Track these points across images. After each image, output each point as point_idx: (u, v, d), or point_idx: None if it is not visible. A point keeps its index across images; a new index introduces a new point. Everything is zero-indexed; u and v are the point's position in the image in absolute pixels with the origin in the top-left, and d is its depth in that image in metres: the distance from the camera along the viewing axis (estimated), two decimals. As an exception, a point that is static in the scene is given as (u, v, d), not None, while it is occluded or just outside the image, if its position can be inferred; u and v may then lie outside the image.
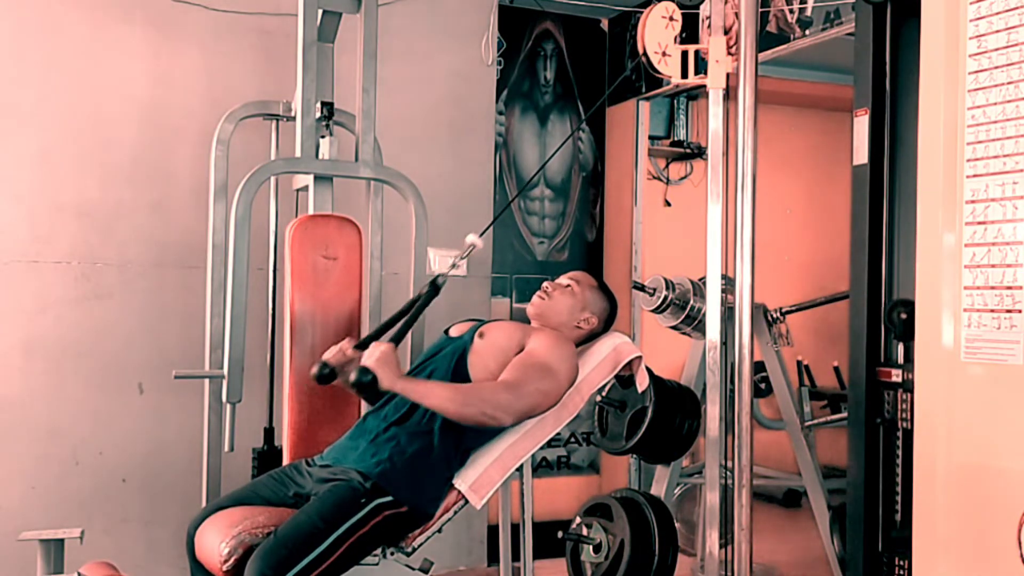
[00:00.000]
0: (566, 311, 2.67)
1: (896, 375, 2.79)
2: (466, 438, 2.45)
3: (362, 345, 2.48)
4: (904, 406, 2.76)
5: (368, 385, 2.28)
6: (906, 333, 2.69)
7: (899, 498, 2.75)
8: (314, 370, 2.45)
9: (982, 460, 2.09)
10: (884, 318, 2.82)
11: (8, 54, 3.55)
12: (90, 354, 3.63)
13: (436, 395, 2.34)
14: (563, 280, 2.74)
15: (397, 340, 2.49)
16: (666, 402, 3.12)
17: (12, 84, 3.56)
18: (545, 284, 2.73)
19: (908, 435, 2.68)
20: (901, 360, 2.79)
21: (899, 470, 2.76)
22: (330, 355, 2.48)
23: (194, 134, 3.73)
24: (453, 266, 2.61)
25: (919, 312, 2.25)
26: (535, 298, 2.71)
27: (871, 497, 2.86)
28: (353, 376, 2.30)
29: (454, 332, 2.71)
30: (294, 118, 3.19)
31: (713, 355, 2.58)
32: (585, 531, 2.92)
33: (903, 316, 2.73)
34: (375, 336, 2.55)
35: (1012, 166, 2.04)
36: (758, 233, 2.44)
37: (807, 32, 3.79)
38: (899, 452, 2.76)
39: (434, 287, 2.58)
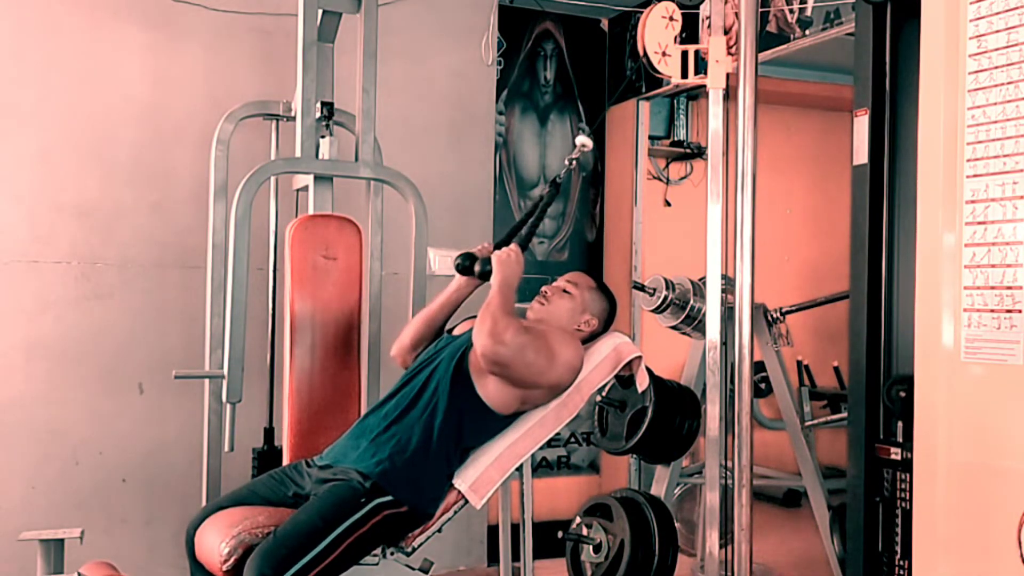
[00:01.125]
0: (566, 315, 2.66)
1: (895, 453, 2.75)
2: (465, 436, 2.45)
3: (497, 246, 2.64)
4: (903, 486, 2.71)
5: (485, 275, 2.56)
6: (905, 412, 2.64)
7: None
8: (456, 259, 2.67)
9: (982, 460, 2.09)
10: (883, 395, 2.78)
11: (8, 54, 3.55)
12: (90, 354, 3.63)
13: (500, 297, 2.44)
14: (561, 283, 2.73)
15: (523, 243, 2.65)
16: (666, 402, 3.12)
17: (12, 84, 3.56)
18: (544, 288, 2.72)
19: (907, 515, 2.62)
20: (900, 438, 2.75)
21: (899, 549, 2.73)
22: (476, 249, 2.68)
23: (194, 134, 3.73)
24: (569, 168, 2.73)
25: (919, 312, 2.25)
26: (534, 303, 2.71)
27: (870, 505, 2.85)
28: (478, 267, 2.58)
29: (457, 331, 2.71)
30: (294, 118, 3.19)
31: (713, 355, 2.58)
32: (585, 531, 2.92)
33: (902, 394, 2.68)
34: (510, 235, 2.72)
35: (1012, 166, 2.04)
36: (758, 233, 2.44)
37: (807, 32, 3.79)
38: (898, 531, 2.72)
39: (555, 186, 2.72)
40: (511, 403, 2.47)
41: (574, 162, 2.73)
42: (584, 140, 2.71)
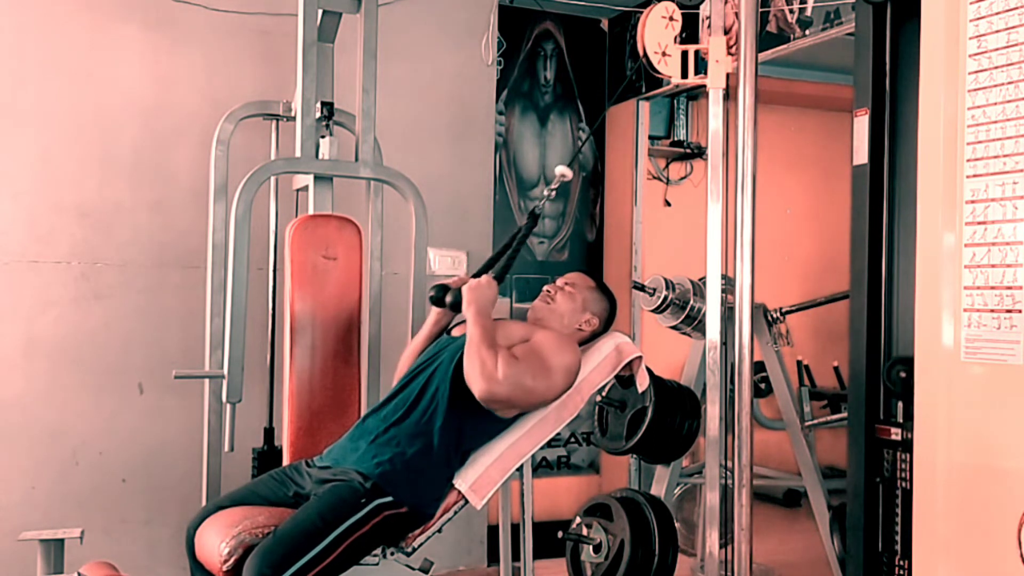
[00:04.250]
0: (567, 314, 2.67)
1: (896, 433, 2.75)
2: (465, 439, 2.45)
3: (476, 276, 2.64)
4: (903, 466, 2.71)
5: (455, 306, 2.55)
6: (905, 392, 2.66)
7: (899, 556, 2.73)
8: (431, 291, 2.68)
9: (982, 460, 2.09)
10: (883, 376, 2.79)
11: (8, 54, 3.56)
12: (90, 354, 3.63)
13: (479, 329, 2.42)
14: (562, 283, 2.73)
15: (498, 274, 2.63)
16: (666, 402, 3.12)
17: (12, 84, 3.56)
18: (547, 287, 2.73)
19: (907, 495, 2.63)
20: (901, 419, 2.76)
21: (899, 529, 2.73)
22: (451, 281, 2.67)
23: (194, 134, 3.73)
24: (548, 197, 2.72)
25: (919, 312, 2.25)
26: (537, 302, 2.71)
27: (871, 502, 2.85)
28: (449, 298, 2.56)
29: (456, 332, 2.71)
30: (294, 118, 3.19)
31: (713, 355, 2.58)
32: (585, 531, 2.92)
33: (903, 375, 2.69)
34: (485, 268, 2.70)
35: (1012, 166, 2.04)
36: (758, 233, 2.43)
37: (807, 32, 3.79)
38: (899, 511, 2.72)
39: (533, 217, 2.71)
40: (513, 410, 2.48)
41: (553, 192, 2.73)
42: (563, 170, 2.70)
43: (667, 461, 3.51)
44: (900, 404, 2.75)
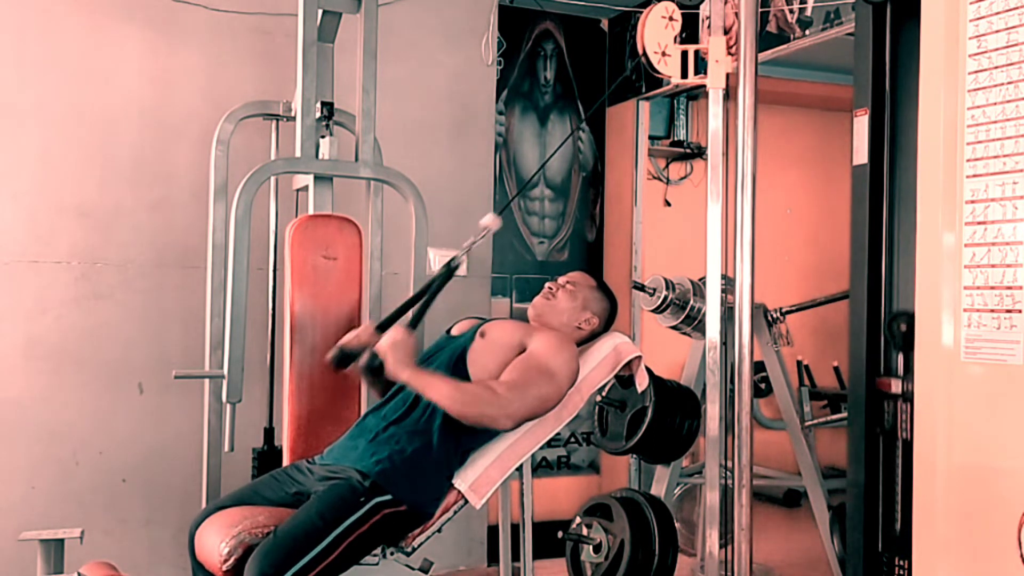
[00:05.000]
0: (567, 312, 2.67)
1: (896, 386, 2.78)
2: (465, 438, 2.44)
3: (380, 328, 2.51)
4: (904, 416, 2.74)
5: (377, 370, 2.29)
6: (906, 344, 2.69)
7: (899, 507, 2.74)
8: (330, 354, 2.49)
9: (982, 460, 2.09)
10: (884, 329, 2.82)
11: (8, 54, 3.56)
12: (90, 354, 3.63)
13: (438, 390, 2.33)
14: (563, 281, 2.74)
15: (413, 325, 2.50)
16: (666, 402, 3.12)
17: (12, 84, 3.56)
18: (549, 284, 2.73)
19: (908, 446, 2.66)
20: (901, 371, 2.78)
21: (899, 479, 2.75)
22: (347, 339, 2.52)
23: (194, 134, 3.73)
24: (468, 250, 2.60)
25: (919, 312, 2.25)
26: (538, 299, 2.71)
27: (871, 498, 2.85)
28: (363, 360, 2.31)
29: (455, 331, 2.71)
30: (294, 118, 3.19)
31: (713, 355, 2.58)
32: (585, 531, 2.92)
33: (903, 327, 2.72)
34: (392, 320, 2.56)
35: (1012, 166, 2.04)
36: (758, 233, 2.43)
37: (807, 32, 3.79)
38: (899, 463, 2.75)
39: (448, 270, 2.59)
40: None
41: (476, 244, 2.60)
42: (488, 222, 2.62)
43: (667, 461, 3.51)
44: (900, 357, 2.78)
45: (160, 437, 3.70)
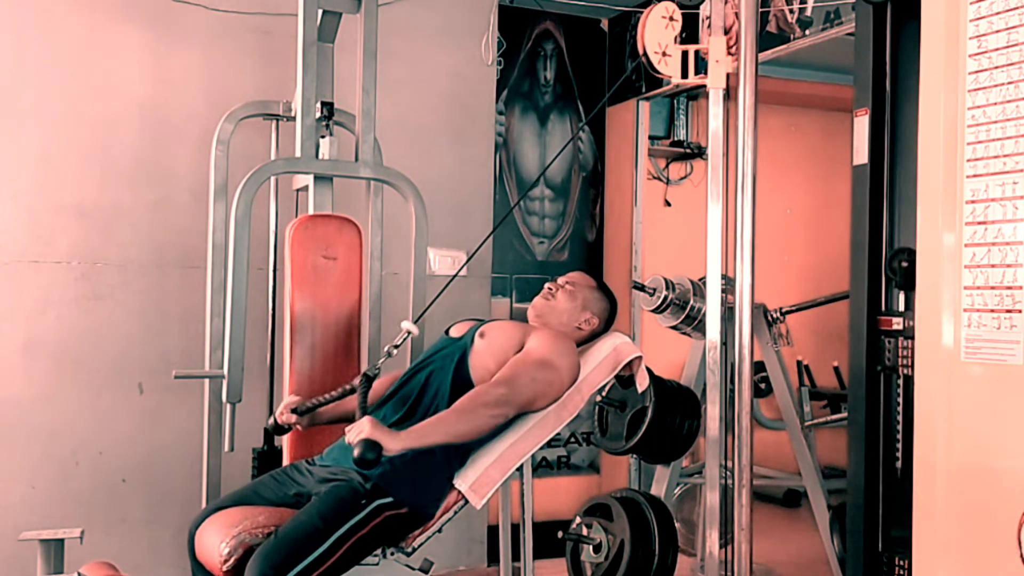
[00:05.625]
0: (567, 313, 2.67)
1: (897, 323, 2.79)
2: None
3: (299, 411, 2.55)
4: (904, 353, 2.76)
5: (377, 458, 2.21)
6: (907, 282, 2.70)
7: (900, 444, 2.75)
8: (268, 424, 2.62)
9: (982, 460, 2.09)
10: (885, 267, 2.82)
11: (8, 54, 3.55)
12: (90, 354, 3.63)
13: (439, 429, 2.31)
14: (563, 281, 2.74)
15: (364, 412, 2.43)
16: (666, 402, 3.12)
17: (12, 84, 3.56)
18: (548, 285, 2.73)
19: (908, 381, 2.71)
20: (902, 308, 2.79)
21: (899, 415, 2.76)
22: (278, 413, 2.58)
23: (194, 134, 3.73)
24: (388, 355, 2.53)
25: (919, 312, 2.25)
26: (538, 299, 2.71)
27: (871, 498, 2.86)
28: (357, 452, 2.21)
29: (454, 332, 2.70)
30: (294, 118, 3.19)
31: (713, 355, 2.58)
32: (585, 531, 2.92)
33: (904, 264, 2.73)
34: (311, 408, 2.56)
35: (1012, 166, 2.04)
36: (758, 233, 2.44)
37: (807, 32, 3.79)
38: (900, 400, 2.75)
39: (368, 380, 2.50)
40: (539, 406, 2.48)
41: (396, 349, 2.54)
42: (409, 326, 2.57)
43: (667, 461, 3.51)
44: (901, 295, 2.80)
45: (160, 437, 3.70)
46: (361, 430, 2.23)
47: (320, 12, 3.14)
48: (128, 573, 2.50)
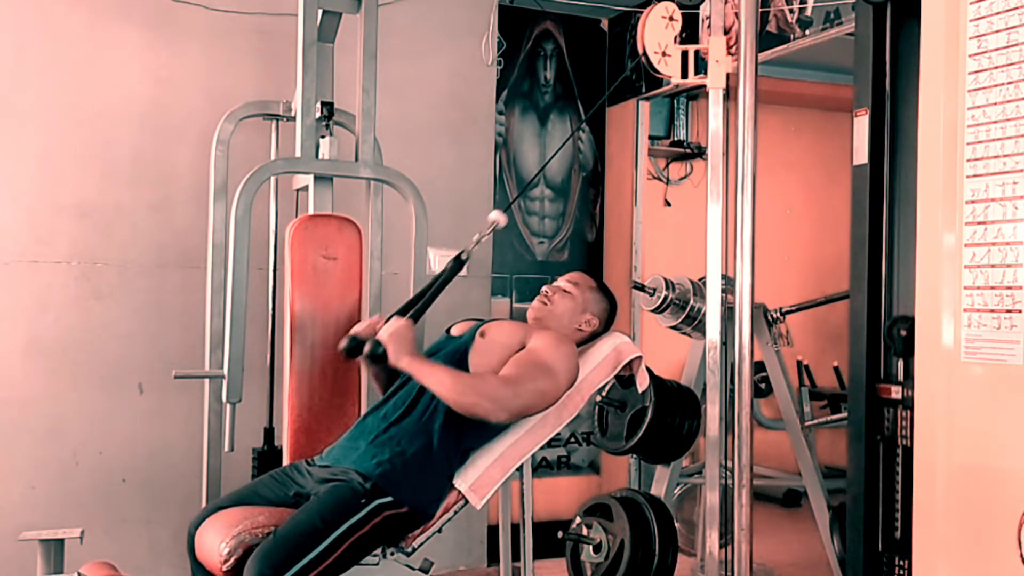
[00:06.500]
0: (567, 315, 2.67)
1: (896, 392, 2.76)
2: (466, 437, 2.45)
3: (389, 320, 2.54)
4: (904, 423, 2.73)
5: (379, 357, 2.33)
6: (906, 349, 2.68)
7: (899, 513, 2.74)
8: (342, 344, 2.52)
9: (982, 460, 2.09)
10: (884, 334, 2.81)
11: (8, 54, 3.55)
12: (90, 354, 3.63)
13: (436, 377, 2.35)
14: (561, 283, 2.73)
15: (416, 316, 2.53)
16: (666, 402, 3.12)
17: (12, 84, 3.56)
18: (545, 288, 2.73)
19: (908, 453, 2.66)
20: (901, 377, 2.77)
21: (899, 487, 2.75)
22: (359, 328, 2.55)
23: (194, 134, 3.73)
24: (477, 242, 2.64)
25: (919, 312, 2.25)
26: (535, 303, 2.71)
27: (871, 498, 2.85)
28: (367, 348, 2.36)
29: (455, 331, 2.71)
30: (294, 118, 3.19)
31: (713, 355, 2.58)
32: (585, 531, 2.92)
33: (903, 333, 2.71)
34: (402, 312, 2.58)
35: (1012, 166, 2.04)
36: (758, 233, 2.44)
37: (807, 32, 3.79)
38: (899, 470, 2.74)
39: (458, 262, 2.62)
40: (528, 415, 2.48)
41: (484, 238, 2.64)
42: (496, 216, 2.65)
43: (667, 461, 3.51)
44: (900, 363, 2.77)
45: (160, 437, 3.70)
46: (389, 329, 2.34)
47: (320, 12, 3.14)
48: (128, 573, 2.50)
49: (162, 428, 3.70)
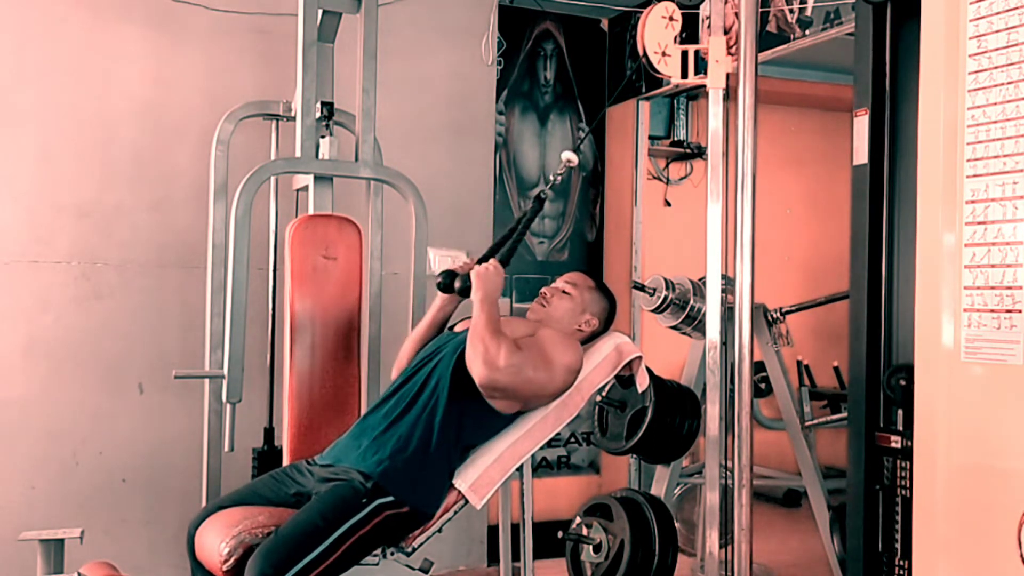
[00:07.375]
0: (566, 315, 2.67)
1: (895, 441, 2.76)
2: (466, 432, 2.45)
3: (481, 261, 2.62)
4: (903, 474, 2.72)
5: (464, 291, 2.53)
6: (905, 399, 2.66)
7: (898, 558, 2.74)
8: (437, 279, 2.65)
9: (982, 460, 2.09)
10: (883, 384, 2.80)
11: (8, 54, 3.56)
12: (90, 354, 3.63)
13: (486, 315, 2.41)
14: (560, 284, 2.73)
15: (505, 258, 2.62)
16: (666, 402, 3.12)
17: (12, 84, 3.56)
18: (543, 290, 2.73)
19: (907, 503, 2.64)
20: (901, 427, 2.76)
21: (898, 536, 2.74)
22: (457, 265, 2.65)
23: (194, 134, 3.73)
24: (553, 183, 2.73)
25: (919, 312, 2.25)
26: (535, 304, 2.71)
27: (871, 501, 2.85)
28: (458, 283, 2.53)
29: (458, 328, 2.71)
30: (294, 118, 3.19)
31: (713, 355, 2.58)
32: (585, 531, 2.92)
33: (902, 383, 2.69)
34: (493, 251, 2.67)
35: (1012, 166, 2.04)
36: (758, 233, 2.44)
37: (807, 32, 3.79)
38: (899, 520, 2.72)
39: (539, 201, 2.72)
40: (513, 403, 2.48)
41: (559, 177, 2.73)
42: (569, 155, 2.73)
43: (667, 461, 3.51)
44: (900, 412, 2.75)
45: (160, 437, 3.70)
46: (484, 266, 2.50)
47: (320, 12, 3.14)
48: (128, 573, 2.50)
49: (162, 428, 3.70)
